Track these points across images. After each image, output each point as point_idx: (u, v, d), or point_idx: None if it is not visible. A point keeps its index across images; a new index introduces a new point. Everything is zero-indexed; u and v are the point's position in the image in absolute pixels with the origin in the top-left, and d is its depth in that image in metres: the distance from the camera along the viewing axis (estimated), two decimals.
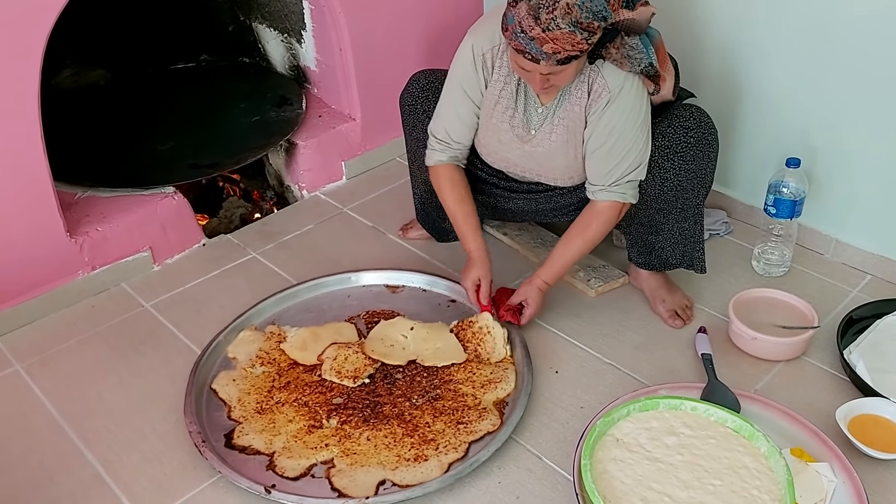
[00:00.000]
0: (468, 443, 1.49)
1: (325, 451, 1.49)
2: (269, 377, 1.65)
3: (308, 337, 1.72)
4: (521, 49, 1.42)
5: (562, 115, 1.61)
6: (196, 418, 1.54)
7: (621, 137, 1.56)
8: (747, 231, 2.06)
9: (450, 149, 1.73)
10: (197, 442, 1.49)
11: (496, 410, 1.56)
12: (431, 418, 1.54)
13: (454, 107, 1.68)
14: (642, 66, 1.51)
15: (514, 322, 1.72)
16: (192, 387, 1.61)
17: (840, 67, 1.80)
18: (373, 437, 1.51)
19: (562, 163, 1.67)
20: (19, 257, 1.80)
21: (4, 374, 1.72)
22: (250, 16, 2.53)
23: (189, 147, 2.26)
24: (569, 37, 1.38)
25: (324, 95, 2.44)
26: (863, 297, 1.84)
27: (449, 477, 1.42)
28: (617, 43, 1.49)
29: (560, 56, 1.40)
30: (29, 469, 1.51)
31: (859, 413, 1.51)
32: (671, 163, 1.62)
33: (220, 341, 1.72)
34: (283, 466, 1.46)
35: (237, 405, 1.59)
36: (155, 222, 2.00)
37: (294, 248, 2.10)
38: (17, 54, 1.64)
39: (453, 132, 1.71)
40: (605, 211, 1.64)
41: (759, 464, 1.35)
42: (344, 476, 1.44)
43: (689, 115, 1.63)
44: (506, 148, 1.70)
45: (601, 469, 1.35)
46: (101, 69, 2.62)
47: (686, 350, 1.72)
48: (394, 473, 1.44)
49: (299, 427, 1.54)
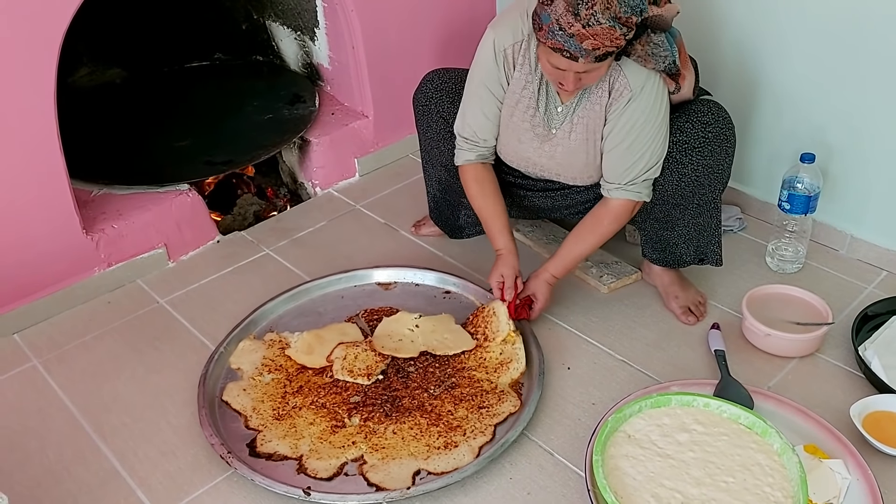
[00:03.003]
0: (493, 425, 1.52)
1: (354, 449, 1.49)
2: (279, 383, 1.64)
3: (313, 340, 1.72)
4: (558, 47, 1.39)
5: (581, 113, 1.60)
6: (215, 431, 1.52)
7: (640, 136, 1.56)
8: (761, 227, 2.05)
9: (477, 147, 1.73)
10: (223, 454, 1.47)
11: (514, 392, 1.59)
12: (453, 406, 1.56)
13: (480, 105, 1.67)
14: (666, 64, 1.50)
15: (525, 317, 1.73)
16: (203, 400, 1.59)
17: (857, 63, 1.78)
18: (398, 431, 1.51)
19: (581, 161, 1.66)
20: (36, 254, 1.82)
21: (22, 369, 1.75)
22: (264, 14, 2.54)
23: (203, 144, 2.27)
24: (608, 32, 1.36)
25: (337, 93, 2.45)
26: (878, 293, 1.83)
27: (483, 460, 1.44)
28: (643, 40, 1.48)
29: (599, 52, 1.39)
30: (46, 462, 1.52)
31: (874, 410, 1.50)
32: (689, 158, 1.62)
33: (222, 353, 1.70)
34: (315, 468, 1.46)
35: (253, 414, 1.57)
36: (170, 219, 2.02)
37: (307, 244, 2.11)
38: (33, 53, 1.66)
39: (480, 131, 1.70)
40: (618, 209, 1.64)
41: (772, 461, 1.34)
42: (378, 471, 1.45)
43: (707, 109, 1.62)
44: (525, 147, 1.69)
45: (613, 465, 1.35)
46: (118, 68, 2.65)
47: (699, 347, 1.71)
48: (427, 462, 1.45)
49: (322, 428, 1.53)
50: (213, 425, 1.54)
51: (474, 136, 1.71)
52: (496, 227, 1.75)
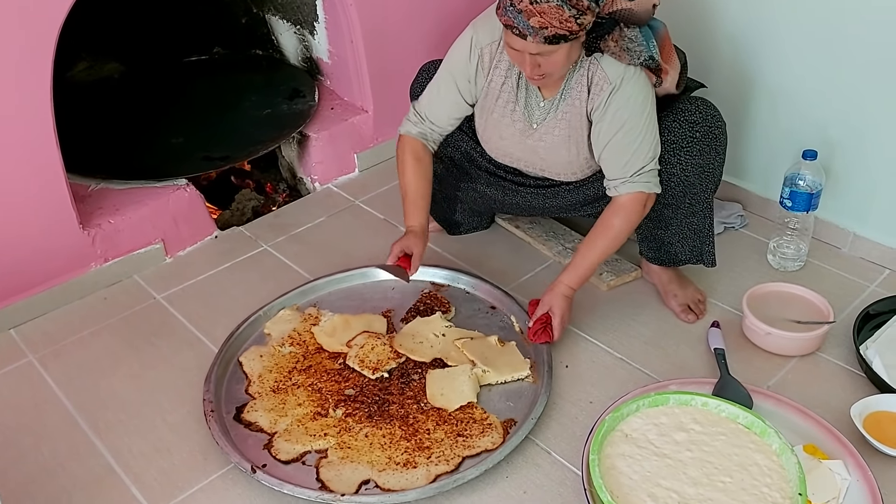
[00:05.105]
0: (462, 457, 1.45)
1: (323, 441, 1.49)
2: (294, 358, 1.67)
3: (339, 324, 1.73)
4: (509, 24, 1.41)
5: (565, 109, 1.59)
6: (214, 388, 1.58)
7: (631, 127, 1.54)
8: (762, 224, 2.03)
9: (423, 125, 1.72)
10: (206, 410, 1.52)
11: (501, 428, 1.51)
12: (434, 425, 1.51)
13: (438, 88, 1.69)
14: (641, 59, 1.48)
15: (548, 341, 1.63)
16: (222, 355, 1.65)
17: (857, 58, 1.76)
18: (371, 435, 1.50)
19: (564, 157, 1.65)
20: (32, 249, 1.81)
21: (18, 364, 1.74)
22: (263, 8, 2.53)
23: (202, 139, 2.26)
24: (556, 11, 1.36)
25: (336, 87, 2.44)
26: (880, 291, 1.81)
27: (431, 489, 1.38)
28: (615, 35, 1.47)
29: (547, 33, 1.38)
30: (41, 459, 1.52)
31: (875, 410, 1.48)
32: (677, 158, 1.60)
33: (260, 316, 1.76)
34: (279, 448, 1.48)
35: (257, 381, 1.62)
36: (167, 215, 2.01)
37: (306, 240, 2.10)
38: (29, 46, 1.65)
39: (430, 111, 1.71)
40: (628, 204, 1.59)
41: (771, 461, 1.33)
42: (332, 469, 1.44)
43: (695, 108, 1.60)
44: (507, 143, 1.68)
45: (609, 465, 1.34)
46: (116, 62, 2.64)
47: (698, 345, 1.70)
48: (379, 475, 1.43)
49: (305, 412, 1.55)
50: (217, 382, 1.60)
51: (424, 114, 1.72)
52: (418, 205, 1.71)
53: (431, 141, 1.75)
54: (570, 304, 1.66)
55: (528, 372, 1.62)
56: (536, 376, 1.61)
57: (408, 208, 1.72)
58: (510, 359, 1.64)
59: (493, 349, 1.66)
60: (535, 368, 1.63)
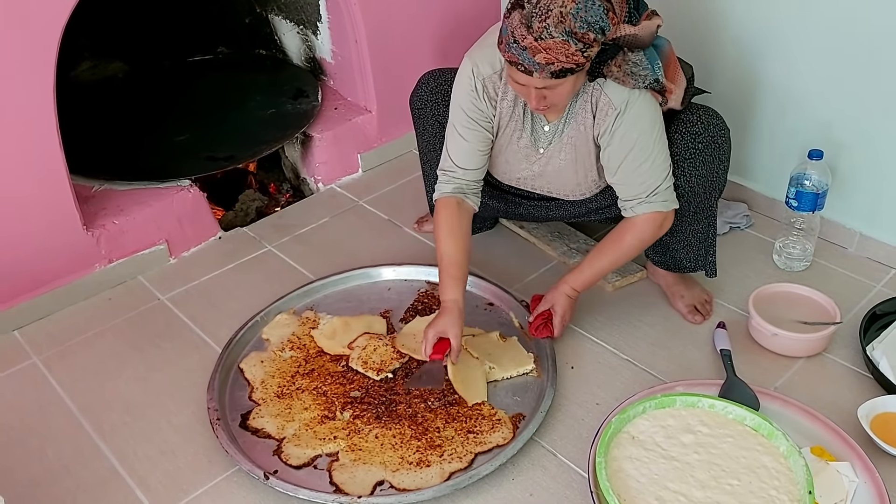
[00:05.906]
0: (475, 453, 1.46)
1: (333, 444, 1.49)
2: (295, 362, 1.67)
3: (339, 326, 1.73)
4: (514, 60, 1.35)
5: (571, 133, 1.56)
6: (218, 395, 1.57)
7: (642, 148, 1.51)
8: (768, 224, 2.02)
9: (455, 179, 1.63)
10: (212, 419, 1.52)
11: (510, 423, 1.51)
12: (443, 423, 1.51)
13: (455, 130, 1.60)
14: (647, 83, 1.45)
15: (549, 336, 1.65)
16: (222, 363, 1.64)
17: (863, 58, 1.75)
18: (381, 436, 1.50)
19: (572, 180, 1.63)
20: (36, 250, 1.81)
21: (22, 366, 1.74)
22: (266, 8, 2.52)
23: (205, 140, 2.26)
24: (562, 46, 1.31)
25: (340, 87, 2.43)
26: (887, 292, 1.80)
27: (446, 486, 1.38)
28: (619, 60, 1.43)
29: (553, 68, 1.33)
30: (45, 461, 1.52)
31: (882, 411, 1.48)
32: (681, 169, 1.58)
33: (257, 321, 1.75)
34: (289, 454, 1.47)
35: (260, 387, 1.61)
36: (171, 215, 2.01)
37: (310, 241, 2.09)
38: (33, 46, 1.65)
39: (457, 158, 1.61)
40: (642, 223, 1.57)
41: (778, 463, 1.32)
42: (345, 471, 1.44)
43: (697, 119, 1.57)
44: (514, 168, 1.66)
45: (616, 467, 1.33)
46: (119, 62, 2.64)
47: (704, 346, 1.69)
48: (393, 475, 1.42)
49: (313, 416, 1.54)
50: (220, 390, 1.59)
51: (451, 166, 1.62)
52: (453, 275, 1.58)
53: (470, 193, 1.64)
54: (572, 304, 1.67)
55: (532, 366, 1.62)
56: (540, 371, 1.62)
57: (442, 279, 1.60)
58: (514, 354, 1.65)
59: (496, 345, 1.67)
60: (539, 363, 1.64)
